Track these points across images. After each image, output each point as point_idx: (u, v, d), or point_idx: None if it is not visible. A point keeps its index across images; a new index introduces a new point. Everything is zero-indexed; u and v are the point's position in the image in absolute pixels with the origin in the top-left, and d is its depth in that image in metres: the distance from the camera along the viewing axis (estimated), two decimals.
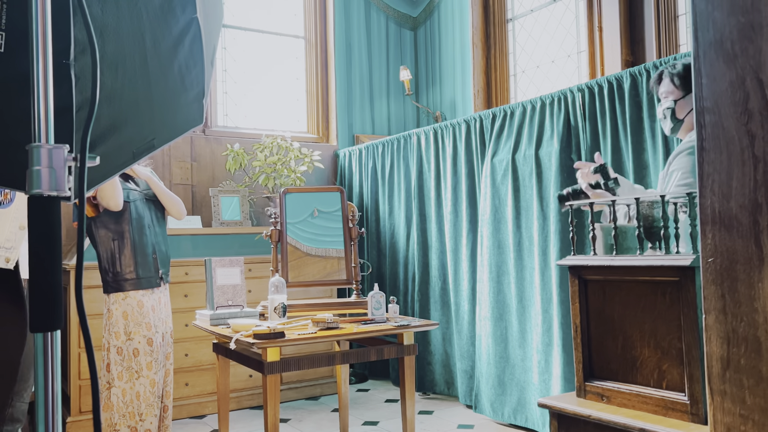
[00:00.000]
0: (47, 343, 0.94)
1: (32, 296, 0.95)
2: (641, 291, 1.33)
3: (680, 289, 1.26)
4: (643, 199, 1.38)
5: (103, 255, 2.89)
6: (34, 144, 0.95)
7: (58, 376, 0.96)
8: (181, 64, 1.37)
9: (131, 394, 2.83)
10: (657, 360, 1.30)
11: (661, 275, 1.30)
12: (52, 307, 0.94)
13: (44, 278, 0.94)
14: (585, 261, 1.42)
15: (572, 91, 3.45)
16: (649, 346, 1.31)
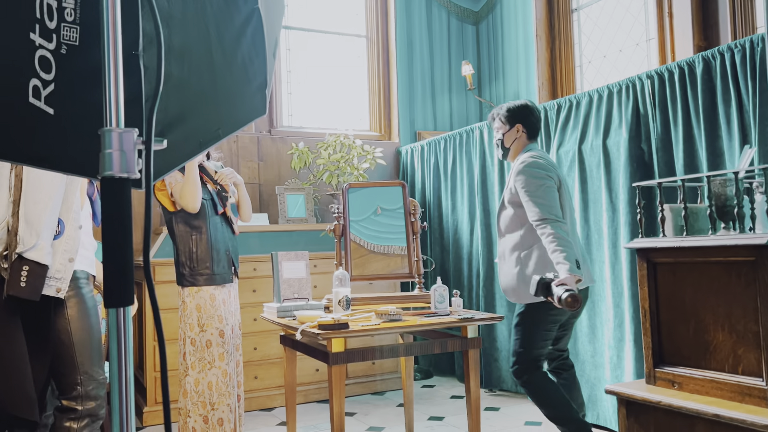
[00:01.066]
0: (120, 319, 0.99)
1: (106, 274, 0.99)
2: (714, 273, 1.27)
3: (756, 269, 1.19)
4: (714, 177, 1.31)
5: (181, 249, 3.00)
6: (106, 128, 0.99)
7: (130, 350, 1.00)
8: (244, 54, 1.41)
9: (203, 384, 2.93)
10: (732, 344, 1.24)
11: (735, 255, 1.23)
12: (124, 285, 0.99)
13: (116, 257, 0.98)
14: (654, 243, 1.36)
15: (641, 78, 3.34)
16: (723, 330, 1.25)
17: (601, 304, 3.50)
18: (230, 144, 5.02)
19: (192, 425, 2.92)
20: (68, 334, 2.08)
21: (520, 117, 2.96)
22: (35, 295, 1.93)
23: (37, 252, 1.93)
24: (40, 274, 1.94)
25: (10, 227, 1.94)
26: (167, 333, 4.00)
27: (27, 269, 1.91)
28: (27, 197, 1.96)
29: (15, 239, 1.92)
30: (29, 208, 1.95)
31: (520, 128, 2.95)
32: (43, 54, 1.18)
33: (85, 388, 2.10)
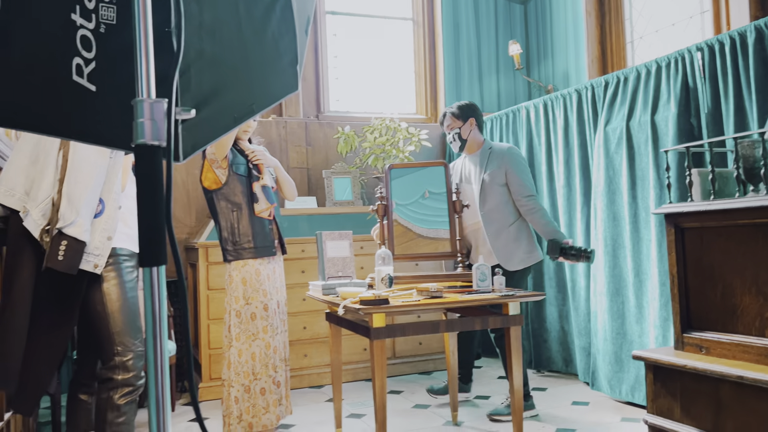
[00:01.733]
0: (154, 277, 1.06)
1: (141, 236, 1.06)
2: (742, 236, 1.24)
3: None
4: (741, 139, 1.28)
5: (223, 225, 3.10)
6: (138, 99, 1.06)
7: (164, 306, 1.07)
8: (274, 30, 1.46)
9: (247, 354, 3.03)
10: (759, 307, 1.21)
11: (762, 217, 1.20)
12: (157, 245, 1.05)
13: (149, 219, 1.05)
14: (681, 208, 1.34)
15: (690, 51, 3.24)
16: (751, 293, 1.22)
17: (647, 282, 3.44)
18: (279, 129, 5.12)
19: (234, 395, 3.03)
20: (103, 306, 2.19)
21: (471, 112, 3.54)
22: (72, 269, 2.04)
23: (76, 228, 2.05)
24: (78, 249, 2.05)
25: (54, 203, 2.06)
26: (215, 312, 4.14)
27: (65, 244, 2.02)
28: (70, 176, 2.07)
29: (56, 215, 2.04)
30: (71, 186, 2.06)
31: (473, 122, 3.55)
32: (84, 33, 1.25)
33: (121, 359, 2.21)
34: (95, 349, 2.28)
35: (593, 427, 3.25)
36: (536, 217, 3.39)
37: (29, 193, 2.10)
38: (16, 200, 2.10)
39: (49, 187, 2.08)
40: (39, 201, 2.07)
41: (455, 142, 3.55)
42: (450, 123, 3.54)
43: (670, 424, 1.37)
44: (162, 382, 1.06)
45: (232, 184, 3.07)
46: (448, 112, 3.56)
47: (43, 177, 2.09)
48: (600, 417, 3.42)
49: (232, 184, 3.07)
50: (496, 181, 3.48)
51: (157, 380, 1.06)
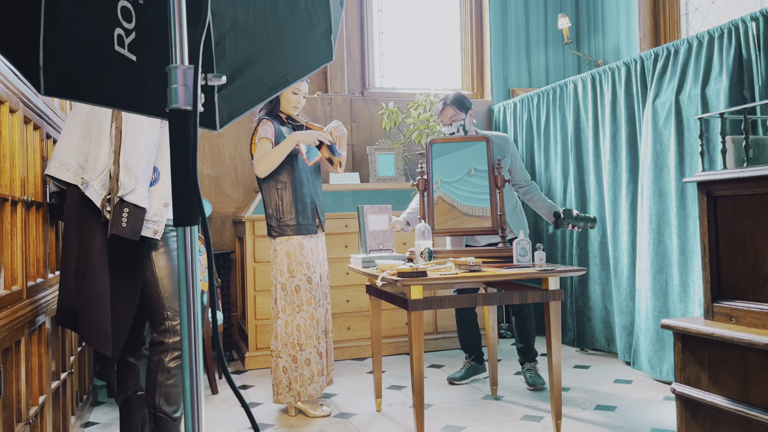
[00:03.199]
0: (187, 236, 1.11)
1: (174, 198, 1.12)
2: None
3: None
4: None
5: (267, 202, 3.19)
6: (172, 65, 1.11)
7: (197, 265, 1.12)
8: (307, 1, 1.48)
9: (292, 326, 3.13)
10: None
11: None
12: (190, 206, 1.10)
13: (183, 181, 1.10)
14: (713, 176, 1.31)
15: (744, 21, 3.12)
16: None
17: (693, 261, 3.36)
18: (324, 106, 5.17)
19: (282, 365, 3.13)
20: (153, 273, 2.29)
21: (468, 103, 3.59)
22: (135, 234, 2.14)
23: (136, 196, 2.14)
24: (139, 216, 2.15)
25: (112, 174, 2.15)
26: (261, 284, 4.25)
27: (127, 211, 2.12)
28: (126, 147, 2.16)
29: (116, 185, 2.13)
30: (128, 156, 2.15)
31: (471, 114, 3.61)
32: (124, 5, 1.31)
33: (171, 323, 2.30)
34: (145, 314, 2.39)
35: (634, 405, 3.23)
36: (536, 196, 3.57)
37: (84, 166, 2.20)
38: (71, 174, 2.20)
39: (105, 158, 2.17)
40: (98, 172, 2.18)
41: (458, 133, 3.55)
42: (453, 115, 3.54)
43: (697, 392, 1.36)
44: (195, 339, 1.11)
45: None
46: (449, 102, 3.55)
47: (100, 149, 2.19)
48: (641, 395, 3.39)
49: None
50: (505, 167, 3.56)
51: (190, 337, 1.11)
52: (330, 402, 3.44)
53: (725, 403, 1.27)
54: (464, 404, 3.35)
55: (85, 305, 2.14)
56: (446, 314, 4.65)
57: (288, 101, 3.27)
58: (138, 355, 2.45)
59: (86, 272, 2.14)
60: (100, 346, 2.15)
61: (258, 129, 3.19)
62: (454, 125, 3.54)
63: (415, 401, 2.72)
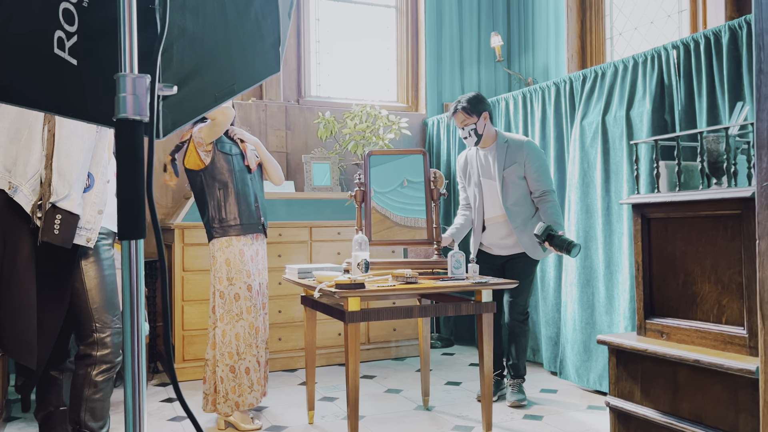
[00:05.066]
0: (132, 250, 1.07)
1: (120, 209, 1.08)
2: (703, 226, 1.30)
3: (741, 221, 1.22)
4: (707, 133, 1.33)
5: (210, 204, 3.11)
6: (121, 73, 1.07)
7: (141, 280, 1.09)
8: (257, 11, 1.47)
9: (231, 335, 3.07)
10: (717, 295, 1.27)
11: (722, 209, 1.26)
12: (135, 219, 1.07)
13: (128, 193, 1.06)
14: (648, 198, 1.39)
15: (666, 48, 3.31)
16: (710, 282, 1.28)
17: (618, 275, 3.52)
18: (258, 113, 5.11)
19: (220, 374, 3.06)
20: (82, 282, 2.20)
21: (483, 106, 3.43)
22: (67, 242, 2.05)
23: (69, 202, 2.05)
24: (72, 223, 2.06)
25: (44, 179, 2.05)
26: (195, 294, 4.15)
27: (60, 218, 2.03)
28: (60, 151, 2.07)
29: (49, 190, 2.03)
30: (62, 161, 2.06)
31: (486, 115, 3.44)
32: (66, 6, 1.25)
33: (100, 335, 2.21)
34: (71, 326, 2.28)
35: (560, 414, 3.34)
36: (545, 206, 3.40)
37: (11, 170, 2.09)
38: None
39: (37, 162, 2.07)
40: (28, 177, 2.07)
41: (470, 137, 3.45)
42: (463, 119, 3.43)
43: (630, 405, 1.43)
44: (138, 357, 1.08)
45: (219, 163, 3.11)
46: (459, 107, 3.44)
47: (30, 152, 2.08)
48: (567, 404, 3.51)
49: (219, 164, 3.11)
50: (516, 174, 3.46)
51: (133, 354, 1.08)
52: (261, 414, 3.38)
53: (656, 416, 1.34)
54: (396, 415, 3.36)
55: (8, 316, 2.03)
56: (379, 325, 4.67)
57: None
58: (62, 369, 2.34)
59: (11, 281, 2.03)
60: (24, 359, 2.04)
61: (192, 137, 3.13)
62: (466, 129, 3.44)
63: (350, 413, 2.71)
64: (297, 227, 4.49)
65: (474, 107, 3.41)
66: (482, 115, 3.42)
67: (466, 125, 3.43)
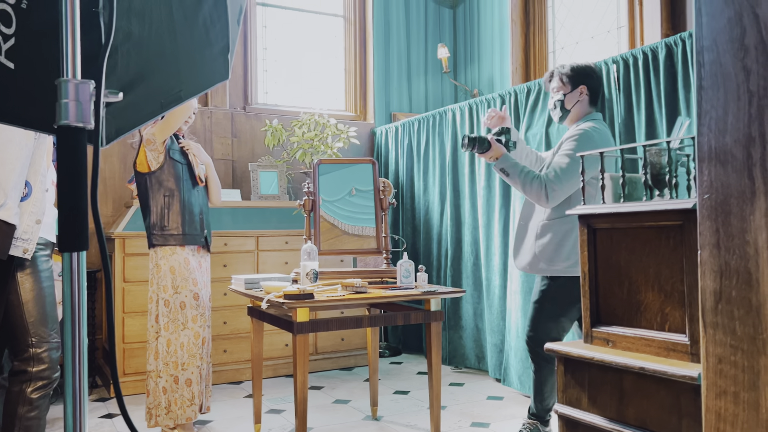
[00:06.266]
0: (74, 263, 1.03)
1: (60, 220, 1.03)
2: (646, 237, 1.35)
3: (683, 232, 1.27)
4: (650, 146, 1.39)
5: (153, 210, 3.02)
6: (63, 78, 1.03)
7: (83, 294, 1.04)
8: (206, 17, 1.44)
9: (176, 344, 2.98)
10: (660, 303, 1.32)
11: (665, 220, 1.31)
12: (77, 230, 1.02)
13: (70, 203, 1.02)
14: (594, 209, 1.44)
15: (606, 63, 3.42)
16: (653, 290, 1.32)
17: None
18: (203, 120, 5.02)
19: (162, 385, 2.97)
20: (17, 295, 2.10)
21: (585, 77, 2.80)
22: (3, 253, 1.95)
23: (5, 211, 1.95)
24: (8, 233, 1.96)
25: None
26: (136, 305, 4.02)
27: None
28: None
29: None
30: None
31: (584, 90, 2.81)
32: (3, 8, 1.20)
33: (36, 350, 2.12)
34: (5, 340, 2.17)
35: (507, 420, 3.38)
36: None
37: None
38: None
39: None
40: None
41: (555, 110, 2.87)
42: (556, 85, 2.86)
43: (577, 413, 1.46)
44: (80, 375, 1.03)
45: (168, 169, 3.02)
46: (557, 71, 2.87)
47: None
48: (513, 411, 3.56)
49: (168, 170, 3.03)
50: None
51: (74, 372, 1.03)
52: (206, 429, 3.30)
53: (603, 423, 1.37)
54: (344, 426, 3.34)
55: None
56: (327, 335, 4.63)
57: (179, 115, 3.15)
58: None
59: None
60: None
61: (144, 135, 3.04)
62: (554, 99, 2.87)
63: (298, 425, 2.67)
64: (243, 236, 4.42)
65: (576, 75, 2.81)
66: (579, 88, 2.81)
67: (556, 92, 2.86)
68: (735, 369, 1.00)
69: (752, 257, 1.00)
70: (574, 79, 2.80)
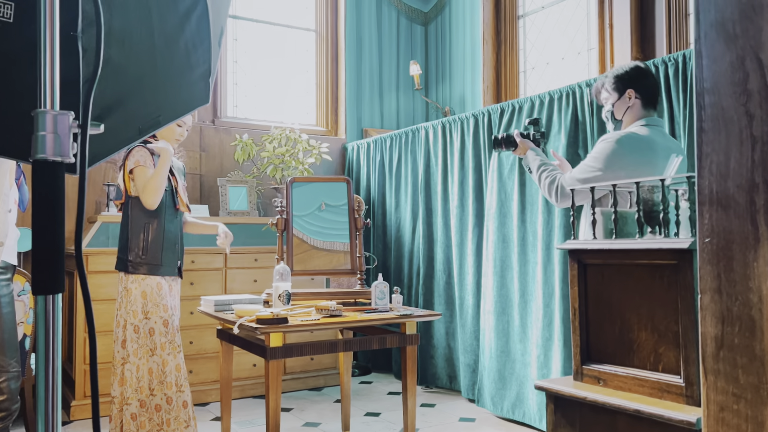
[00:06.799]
0: (49, 307, 0.96)
1: (35, 260, 0.96)
2: (639, 275, 1.34)
3: (678, 272, 1.26)
4: (643, 183, 1.38)
5: (132, 235, 2.90)
6: (40, 110, 0.96)
7: (58, 340, 0.97)
8: (188, 41, 1.39)
9: (144, 370, 2.86)
10: (654, 343, 1.31)
11: (659, 259, 1.30)
12: (54, 272, 0.96)
13: (46, 243, 0.95)
14: (585, 245, 1.42)
15: (581, 86, 3.45)
16: (646, 330, 1.31)
17: (532, 303, 3.60)
18: None
19: (132, 411, 2.85)
20: None
21: (630, 81, 2.51)
22: None
23: None
24: None
25: None
26: (99, 325, 3.88)
27: None
28: None
29: None
30: None
31: (632, 94, 2.49)
32: None
33: None
34: None
35: None
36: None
37: None
38: None
39: None
40: None
41: (608, 122, 2.60)
42: (605, 96, 2.59)
43: None
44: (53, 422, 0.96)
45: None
46: (602, 82, 2.62)
47: None
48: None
49: None
50: None
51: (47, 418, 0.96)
52: None
53: None
54: None
55: None
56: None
57: (171, 132, 3.03)
58: None
59: None
60: None
61: (130, 156, 2.91)
62: (604, 110, 2.61)
63: None
64: (211, 254, 4.32)
65: (620, 80, 2.51)
66: (626, 92, 2.48)
67: (606, 101, 2.58)
68: (738, 418, 0.99)
69: (755, 305, 0.98)
70: (619, 85, 2.52)
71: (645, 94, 2.48)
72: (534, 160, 2.64)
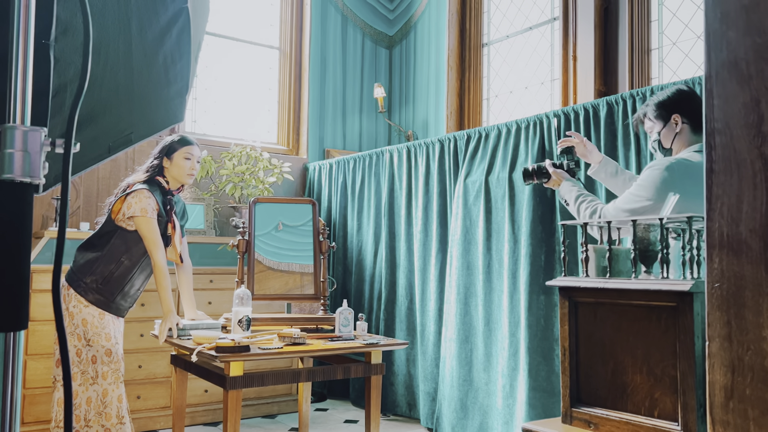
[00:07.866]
0: (9, 344, 0.85)
1: None
2: (635, 315, 1.31)
3: (677, 314, 1.24)
4: (639, 221, 1.36)
5: (101, 260, 2.74)
6: (8, 125, 0.86)
7: (19, 380, 0.87)
8: (167, 55, 1.30)
9: (82, 398, 2.68)
10: (649, 387, 1.27)
11: (657, 300, 1.27)
12: (18, 305, 0.85)
13: (10, 272, 0.85)
14: (577, 282, 1.39)
15: (548, 116, 3.47)
16: (641, 373, 1.28)
17: (498, 332, 3.57)
18: None
19: None
20: None
21: (674, 106, 2.30)
22: None
23: None
24: None
25: None
26: (44, 347, 3.66)
27: None
28: None
29: None
30: None
31: (679, 119, 2.27)
32: None
33: None
34: None
35: None
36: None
37: None
38: None
39: None
40: None
41: (656, 153, 2.38)
42: (649, 126, 2.39)
43: None
44: None
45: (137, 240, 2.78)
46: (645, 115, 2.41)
47: None
48: None
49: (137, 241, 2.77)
50: None
51: None
52: None
53: None
54: None
55: None
56: None
57: (180, 169, 2.89)
58: None
59: None
60: None
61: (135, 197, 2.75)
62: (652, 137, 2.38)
63: None
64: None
65: (663, 107, 2.32)
66: (672, 119, 2.29)
67: (651, 131, 2.39)
68: None
69: None
70: (662, 111, 2.31)
71: (693, 117, 2.26)
72: (570, 191, 2.42)
